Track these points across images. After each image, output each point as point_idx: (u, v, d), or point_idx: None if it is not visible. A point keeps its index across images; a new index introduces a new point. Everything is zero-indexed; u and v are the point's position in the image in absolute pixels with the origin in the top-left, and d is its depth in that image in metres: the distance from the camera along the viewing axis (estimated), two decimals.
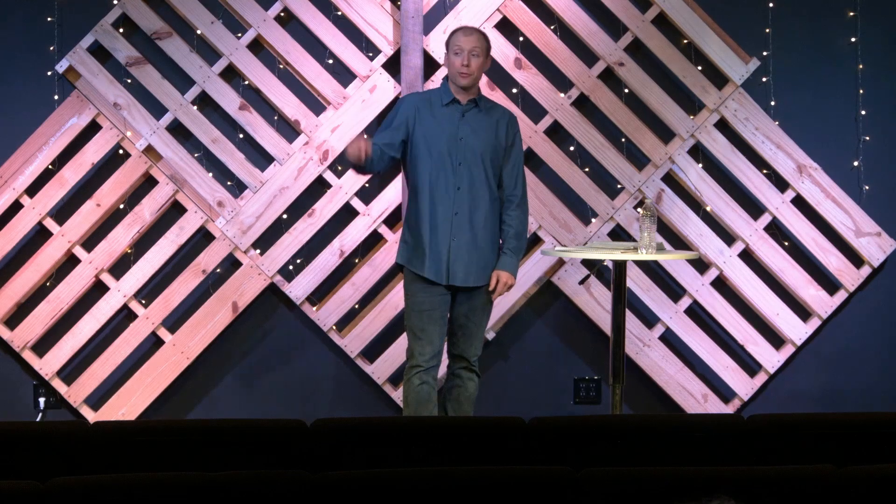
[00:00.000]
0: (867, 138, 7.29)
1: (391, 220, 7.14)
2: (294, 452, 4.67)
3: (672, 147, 7.18)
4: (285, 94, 7.06)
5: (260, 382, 7.21)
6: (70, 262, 7.09)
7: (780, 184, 7.24)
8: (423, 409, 6.22)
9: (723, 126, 7.22)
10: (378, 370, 7.16)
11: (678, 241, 7.22)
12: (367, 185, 7.14)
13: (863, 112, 7.28)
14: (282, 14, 7.11)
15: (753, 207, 7.25)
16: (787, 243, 7.28)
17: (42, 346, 7.09)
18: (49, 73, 7.05)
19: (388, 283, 7.18)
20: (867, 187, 7.30)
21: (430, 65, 7.09)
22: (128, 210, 7.08)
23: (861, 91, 7.28)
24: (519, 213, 6.25)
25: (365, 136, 6.28)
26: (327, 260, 7.13)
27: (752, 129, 7.20)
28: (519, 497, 4.15)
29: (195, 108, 7.05)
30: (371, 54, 7.13)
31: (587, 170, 7.21)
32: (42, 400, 7.12)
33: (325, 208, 7.10)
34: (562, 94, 7.16)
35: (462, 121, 6.20)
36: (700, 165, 7.21)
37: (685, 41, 7.20)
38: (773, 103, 7.25)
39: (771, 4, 7.23)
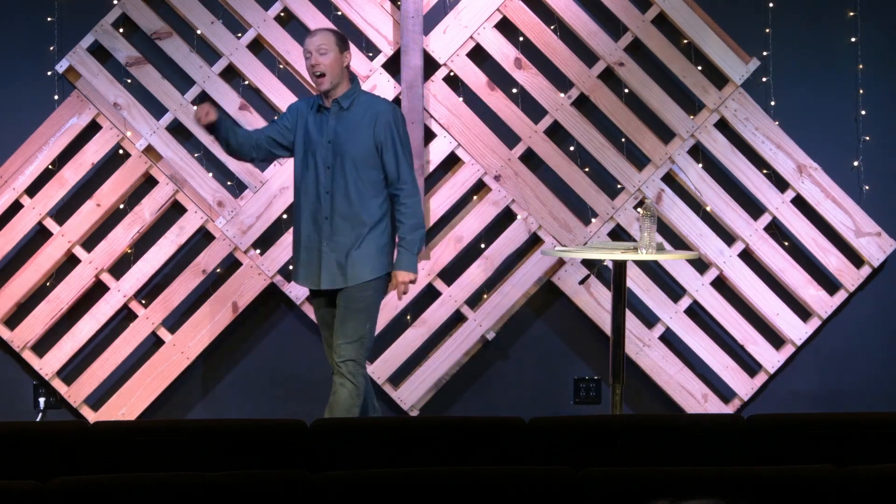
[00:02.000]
0: (867, 138, 7.29)
1: None
2: (294, 452, 4.68)
3: (672, 147, 7.19)
4: (285, 94, 7.06)
5: (260, 382, 7.21)
6: (70, 262, 7.09)
7: (780, 184, 7.24)
8: (334, 411, 6.08)
9: (723, 126, 7.22)
10: (378, 370, 7.16)
11: (678, 241, 7.22)
12: None
13: (863, 112, 7.28)
14: (282, 14, 7.11)
15: (753, 207, 7.25)
16: (787, 243, 7.28)
17: (42, 346, 7.09)
18: (49, 73, 7.05)
19: None
20: (867, 187, 7.30)
21: (430, 65, 7.09)
22: (128, 210, 7.09)
23: (861, 91, 7.28)
24: (410, 203, 6.11)
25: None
26: None
27: (752, 129, 7.20)
28: (519, 497, 4.15)
29: (195, 108, 7.05)
30: (371, 54, 7.13)
31: (587, 170, 7.21)
32: (42, 400, 7.12)
33: None
34: (562, 94, 7.16)
35: (328, 123, 6.10)
36: (700, 165, 7.21)
37: (685, 41, 7.20)
38: (773, 103, 7.25)
39: (771, 4, 7.23)
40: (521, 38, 7.16)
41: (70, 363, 7.11)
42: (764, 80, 7.24)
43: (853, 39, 7.27)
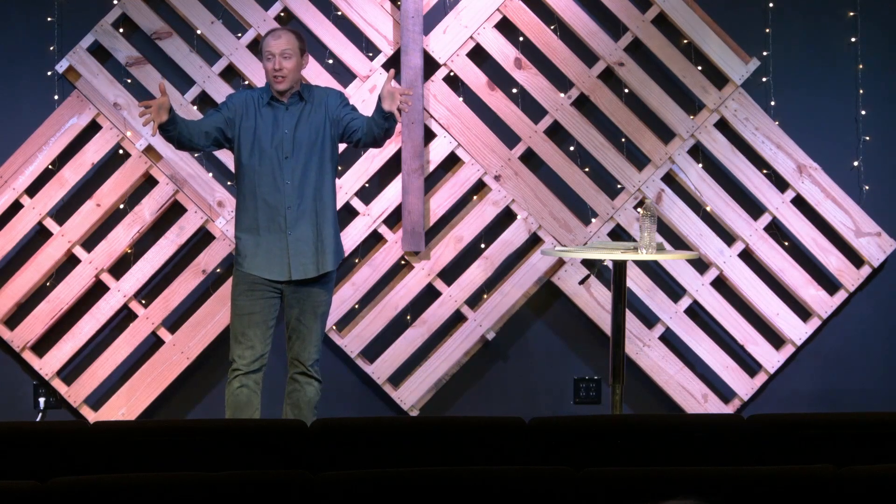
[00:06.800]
0: (867, 138, 7.29)
1: (391, 220, 7.15)
2: (294, 452, 4.68)
3: (672, 147, 7.19)
4: None
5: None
6: (70, 262, 7.09)
7: (780, 184, 7.24)
8: (242, 413, 6.13)
9: (723, 126, 7.22)
10: (378, 370, 7.16)
11: (678, 241, 7.22)
12: (367, 184, 7.14)
13: (863, 112, 7.28)
14: (282, 14, 7.11)
15: (753, 207, 7.25)
16: (787, 243, 7.28)
17: (42, 346, 7.09)
18: (49, 73, 7.05)
19: (388, 283, 7.18)
20: (867, 187, 7.31)
21: (430, 65, 7.09)
22: (128, 210, 7.09)
23: (861, 91, 7.28)
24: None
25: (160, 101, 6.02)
26: None
27: (752, 129, 7.20)
28: (519, 497, 4.15)
29: (195, 108, 7.05)
30: (371, 54, 7.13)
31: (587, 170, 7.21)
32: (42, 400, 7.12)
33: None
34: (562, 94, 7.17)
35: (286, 114, 6.11)
36: (700, 165, 7.21)
37: (685, 41, 7.20)
38: (773, 103, 7.25)
39: (771, 4, 7.23)
40: (521, 38, 7.16)
41: (70, 363, 7.11)
42: (764, 80, 7.25)
43: (853, 39, 7.27)
